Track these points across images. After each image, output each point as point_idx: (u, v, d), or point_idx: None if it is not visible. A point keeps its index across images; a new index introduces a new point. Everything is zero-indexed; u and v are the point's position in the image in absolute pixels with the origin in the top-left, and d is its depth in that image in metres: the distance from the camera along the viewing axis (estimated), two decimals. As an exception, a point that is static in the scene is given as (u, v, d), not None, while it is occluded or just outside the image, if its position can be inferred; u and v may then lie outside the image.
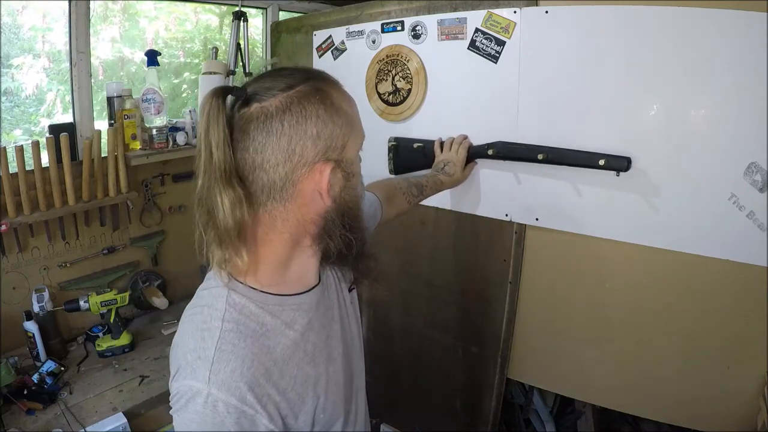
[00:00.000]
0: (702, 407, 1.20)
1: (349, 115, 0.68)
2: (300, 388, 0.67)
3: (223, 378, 0.60)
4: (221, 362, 0.61)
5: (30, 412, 1.24)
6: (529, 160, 1.26)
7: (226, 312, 0.65)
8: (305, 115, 0.63)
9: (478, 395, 1.55)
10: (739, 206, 1.06)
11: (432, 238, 1.56)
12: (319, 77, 0.68)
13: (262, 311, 0.66)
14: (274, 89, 0.64)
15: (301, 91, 0.64)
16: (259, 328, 0.65)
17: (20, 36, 1.51)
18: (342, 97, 0.68)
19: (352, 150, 0.68)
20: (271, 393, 0.63)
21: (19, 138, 1.58)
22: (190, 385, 0.61)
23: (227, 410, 0.59)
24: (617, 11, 1.13)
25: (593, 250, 1.27)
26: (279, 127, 0.62)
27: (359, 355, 0.86)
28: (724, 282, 1.12)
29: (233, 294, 0.66)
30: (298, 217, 0.66)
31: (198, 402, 0.60)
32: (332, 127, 0.65)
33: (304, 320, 0.70)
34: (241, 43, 1.85)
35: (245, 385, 0.60)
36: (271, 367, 0.64)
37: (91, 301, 1.47)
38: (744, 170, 1.04)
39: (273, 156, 0.63)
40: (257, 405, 0.61)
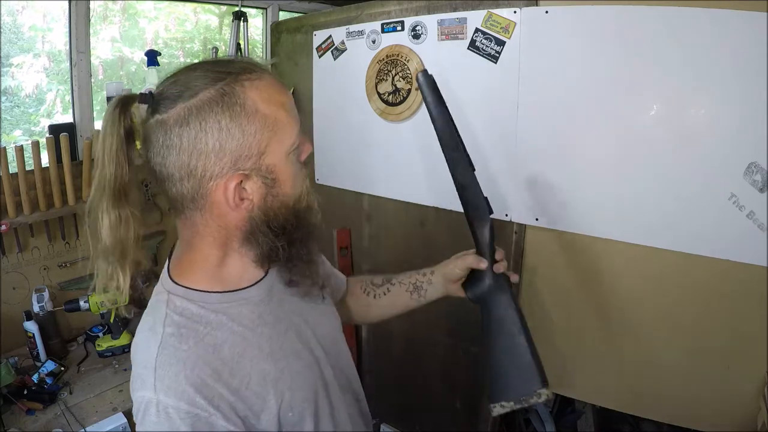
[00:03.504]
0: (702, 407, 1.20)
1: (268, 118, 0.61)
2: (257, 387, 0.64)
3: (167, 384, 0.59)
4: (164, 367, 0.59)
5: (30, 412, 1.24)
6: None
7: (167, 317, 0.63)
8: (205, 128, 0.59)
9: (478, 395, 1.55)
10: (739, 206, 1.06)
11: (432, 238, 1.56)
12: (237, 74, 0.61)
13: (205, 310, 0.65)
14: (175, 97, 0.60)
15: (203, 99, 0.59)
16: (203, 329, 0.63)
17: (20, 36, 1.51)
18: (262, 97, 0.61)
19: (276, 154, 0.63)
20: (222, 393, 0.61)
21: (19, 138, 1.58)
22: (141, 395, 0.60)
23: (179, 416, 0.58)
24: (617, 11, 1.13)
25: (593, 250, 1.27)
26: (178, 142, 0.59)
27: (342, 351, 0.83)
28: (724, 282, 1.12)
29: (173, 297, 0.65)
30: (219, 224, 0.64)
31: (151, 412, 0.59)
32: (240, 137, 0.60)
33: (253, 314, 0.68)
34: (241, 43, 1.85)
35: (191, 388, 0.59)
36: (219, 367, 0.62)
37: (91, 301, 1.46)
38: (744, 170, 1.04)
39: (176, 171, 0.61)
40: (209, 407, 0.59)
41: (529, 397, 0.82)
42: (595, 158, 1.23)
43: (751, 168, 1.03)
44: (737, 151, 1.04)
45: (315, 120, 1.74)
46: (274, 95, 0.63)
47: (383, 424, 1.75)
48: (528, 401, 0.82)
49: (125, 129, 0.61)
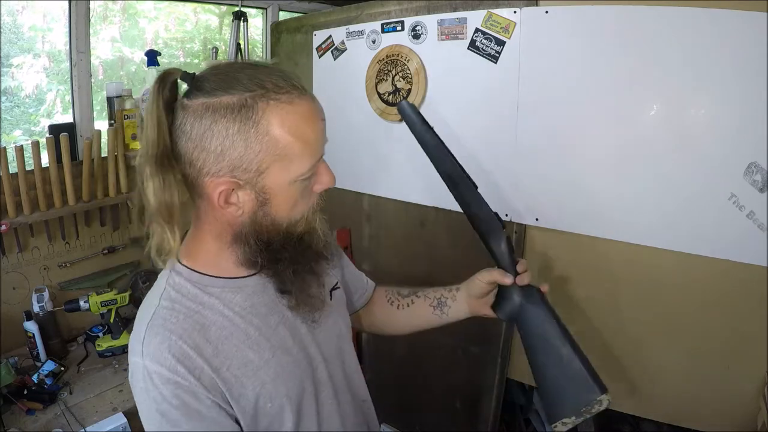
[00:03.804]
0: (702, 407, 1.20)
1: (279, 143, 0.61)
2: (238, 371, 0.66)
3: (152, 350, 0.63)
4: (151, 335, 0.64)
5: (30, 412, 1.24)
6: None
7: (165, 291, 0.68)
8: (213, 129, 0.60)
9: (478, 395, 1.55)
10: (739, 206, 1.06)
11: (432, 238, 1.56)
12: (270, 89, 0.61)
13: (200, 291, 0.68)
14: (204, 89, 0.61)
15: (223, 102, 0.60)
16: (195, 306, 0.67)
17: (20, 36, 1.51)
18: (281, 120, 0.61)
19: (276, 178, 0.63)
20: (204, 368, 0.64)
21: (19, 138, 1.58)
22: (133, 361, 0.66)
23: (161, 382, 0.62)
24: (617, 11, 1.13)
25: (593, 250, 1.27)
26: (189, 130, 0.61)
27: (346, 354, 0.83)
28: (724, 282, 1.12)
29: (174, 275, 0.69)
30: (215, 216, 0.67)
31: (139, 376, 0.64)
32: (243, 150, 0.60)
33: (246, 302, 0.70)
34: (241, 43, 1.85)
35: (173, 358, 0.63)
36: (202, 344, 0.65)
37: (91, 301, 1.47)
38: (744, 170, 1.04)
39: (183, 154, 0.63)
40: (190, 376, 0.63)
41: (590, 408, 0.77)
42: (595, 158, 1.23)
43: (751, 168, 1.04)
44: (737, 151, 1.05)
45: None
46: (296, 123, 0.62)
47: (383, 424, 1.75)
48: (590, 411, 0.77)
49: (165, 100, 0.62)
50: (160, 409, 0.63)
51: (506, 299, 0.86)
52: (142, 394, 0.65)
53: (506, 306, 0.86)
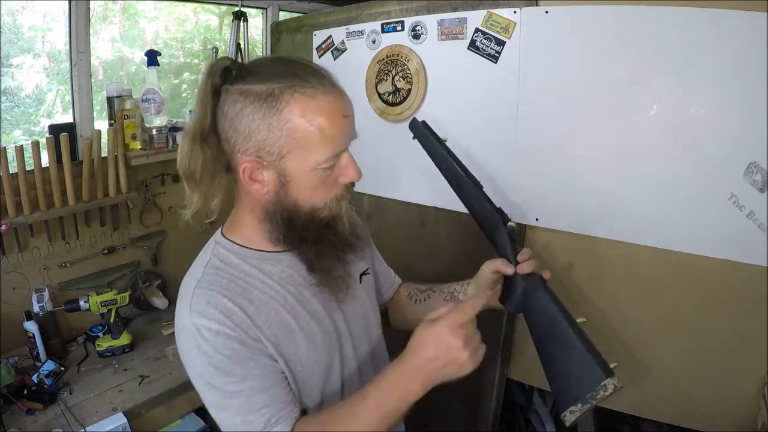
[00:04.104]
0: (702, 407, 1.20)
1: (298, 132, 0.67)
2: (277, 330, 0.72)
3: (200, 308, 0.69)
4: (198, 297, 0.70)
5: (30, 412, 1.24)
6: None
7: (210, 260, 0.75)
8: (243, 112, 0.67)
9: (478, 395, 1.55)
10: (739, 206, 1.06)
11: (432, 238, 1.56)
12: (298, 82, 0.67)
13: (242, 261, 0.75)
14: (244, 76, 0.69)
15: (254, 90, 0.67)
16: (237, 273, 0.73)
17: (20, 36, 1.51)
18: (303, 111, 0.67)
19: (295, 163, 0.69)
20: (249, 324, 0.70)
21: (19, 138, 1.58)
22: (181, 323, 0.71)
23: (211, 335, 0.68)
24: (617, 11, 1.13)
25: (593, 251, 1.27)
26: (227, 111, 0.69)
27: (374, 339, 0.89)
28: (724, 282, 1.12)
29: (218, 247, 0.76)
30: (247, 192, 0.74)
31: (188, 334, 0.69)
32: (266, 134, 0.67)
33: (284, 273, 0.76)
34: (241, 43, 1.85)
35: (220, 313, 0.68)
36: (245, 305, 0.71)
37: (91, 301, 1.46)
38: (744, 170, 1.04)
39: (222, 132, 0.71)
40: (237, 329, 0.69)
41: (596, 393, 0.74)
42: (595, 158, 1.23)
43: (751, 168, 1.04)
44: (737, 151, 1.05)
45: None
46: (317, 115, 0.67)
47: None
48: (595, 398, 0.74)
49: (212, 84, 0.69)
50: (213, 362, 0.68)
51: (512, 290, 0.87)
52: (193, 351, 0.69)
53: (512, 297, 0.87)
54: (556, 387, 0.80)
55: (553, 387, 0.81)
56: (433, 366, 0.68)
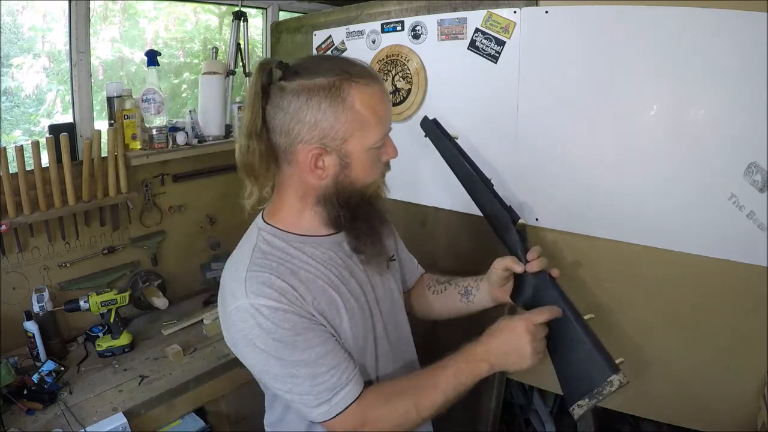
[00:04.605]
0: (702, 407, 1.20)
1: (361, 115, 0.75)
2: (325, 306, 0.79)
3: (256, 289, 0.74)
4: (252, 279, 0.75)
5: (30, 412, 1.24)
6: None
7: (256, 245, 0.80)
8: (309, 104, 0.74)
9: (478, 395, 1.55)
10: (739, 206, 1.06)
11: (432, 238, 1.56)
12: (353, 74, 0.75)
13: (286, 245, 0.81)
14: (300, 73, 0.75)
15: (317, 83, 0.74)
16: (284, 256, 0.79)
17: (20, 36, 1.51)
18: (362, 98, 0.75)
19: (357, 145, 0.77)
20: (302, 300, 0.76)
21: (19, 138, 1.58)
22: (236, 306, 0.75)
23: (271, 312, 0.73)
24: (617, 11, 1.13)
25: (593, 251, 1.27)
26: (287, 105, 0.75)
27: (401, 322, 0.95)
28: (724, 282, 1.12)
29: (263, 232, 0.82)
30: (301, 179, 0.79)
31: (246, 316, 0.74)
32: (333, 121, 0.74)
33: (325, 255, 0.82)
34: (241, 43, 1.85)
35: (275, 292, 0.74)
36: (296, 284, 0.76)
37: (91, 301, 1.46)
38: (744, 170, 1.04)
39: (278, 126, 0.76)
40: (293, 305, 0.75)
41: (602, 389, 0.76)
42: (595, 158, 1.23)
43: (751, 168, 1.04)
44: (737, 151, 1.05)
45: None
46: (373, 102, 0.77)
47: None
48: (602, 393, 0.76)
49: (263, 85, 0.75)
50: (276, 336, 0.74)
51: (522, 287, 0.89)
52: (254, 330, 0.74)
53: (522, 293, 0.89)
54: (564, 381, 0.82)
55: (562, 381, 0.82)
56: (502, 351, 0.79)
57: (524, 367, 0.78)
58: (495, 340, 0.80)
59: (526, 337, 0.78)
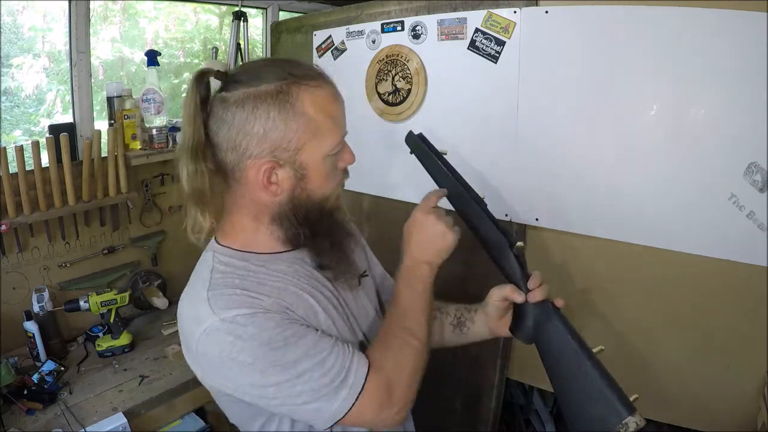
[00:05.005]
0: (702, 407, 1.20)
1: (314, 121, 0.69)
2: (302, 312, 0.72)
3: (223, 303, 0.67)
4: (216, 296, 0.68)
5: (30, 412, 1.24)
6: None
7: (214, 267, 0.72)
8: (256, 114, 0.67)
9: (478, 395, 1.55)
10: (739, 206, 1.06)
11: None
12: (300, 77, 0.69)
13: (247, 263, 0.73)
14: (242, 81, 0.68)
15: (262, 90, 0.67)
16: (246, 273, 0.72)
17: (20, 36, 1.51)
18: (313, 101, 0.69)
19: (312, 154, 0.70)
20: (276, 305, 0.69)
21: (19, 138, 1.58)
22: (203, 330, 0.66)
23: (247, 319, 0.65)
24: (617, 11, 1.13)
25: (593, 251, 1.27)
26: (231, 118, 0.68)
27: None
28: (724, 282, 1.12)
29: (218, 255, 0.74)
30: (252, 198, 0.72)
31: (221, 334, 0.65)
32: (284, 130, 0.67)
33: (290, 269, 0.75)
34: (241, 43, 1.85)
35: (247, 301, 0.67)
36: (266, 293, 0.70)
37: (91, 301, 1.46)
38: (744, 170, 1.04)
39: (224, 142, 0.69)
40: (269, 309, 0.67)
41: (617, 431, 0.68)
42: (595, 158, 1.22)
43: (751, 168, 1.03)
44: (737, 151, 1.04)
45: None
46: (326, 105, 0.71)
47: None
48: None
49: (201, 97, 0.68)
50: (263, 340, 0.65)
51: (522, 319, 0.81)
52: (235, 345, 0.65)
53: (523, 326, 0.81)
54: (572, 421, 0.75)
55: (569, 421, 0.75)
56: (424, 245, 0.79)
57: (453, 242, 0.79)
58: (411, 243, 0.80)
59: (430, 218, 0.79)
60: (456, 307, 0.96)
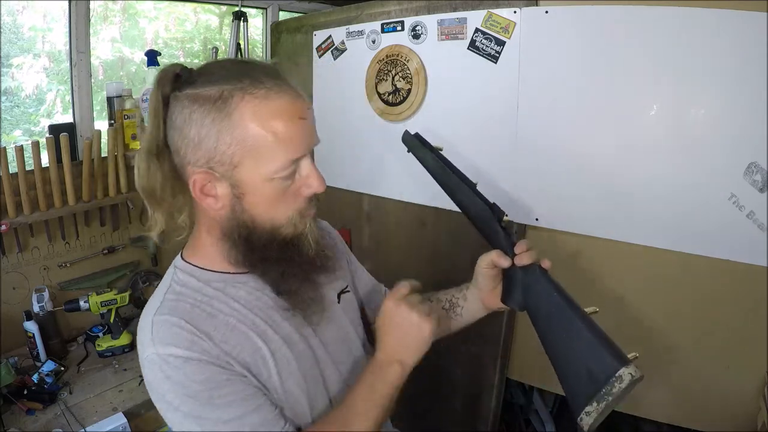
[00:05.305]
0: (702, 407, 1.20)
1: (249, 137, 0.61)
2: (248, 357, 0.66)
3: (162, 336, 0.63)
4: (159, 324, 0.64)
5: (30, 412, 1.24)
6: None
7: (170, 287, 0.69)
8: (192, 118, 0.62)
9: (478, 395, 1.55)
10: (739, 206, 1.06)
11: (432, 238, 1.56)
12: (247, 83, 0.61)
13: (205, 285, 0.69)
14: (191, 81, 0.63)
15: (203, 93, 0.61)
16: (201, 297, 0.67)
17: (20, 36, 1.51)
18: (255, 113, 0.61)
19: (249, 172, 0.62)
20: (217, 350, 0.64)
21: (19, 138, 1.58)
22: (145, 356, 0.64)
23: (180, 363, 0.62)
24: (617, 11, 1.13)
25: (593, 251, 1.27)
26: (175, 119, 0.63)
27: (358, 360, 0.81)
28: (724, 282, 1.12)
29: (178, 272, 0.71)
30: (201, 208, 0.68)
31: (154, 368, 0.62)
32: (215, 142, 0.61)
33: (250, 296, 0.70)
34: (241, 43, 1.85)
35: (185, 340, 0.63)
36: (211, 331, 0.65)
37: (91, 301, 1.47)
38: (744, 170, 1.04)
39: (171, 143, 0.65)
40: (206, 353, 0.63)
41: (611, 387, 0.63)
42: (595, 158, 1.22)
43: (751, 168, 1.03)
44: (737, 151, 1.04)
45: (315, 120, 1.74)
46: (270, 119, 0.61)
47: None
48: (611, 393, 0.62)
49: (163, 93, 0.64)
50: (189, 392, 0.62)
51: (512, 285, 0.79)
52: (164, 383, 0.62)
53: (513, 293, 0.79)
54: (568, 388, 0.70)
55: (566, 388, 0.70)
56: (396, 341, 0.70)
57: (428, 336, 0.69)
58: (387, 336, 0.70)
59: (403, 310, 0.68)
60: (445, 292, 0.91)
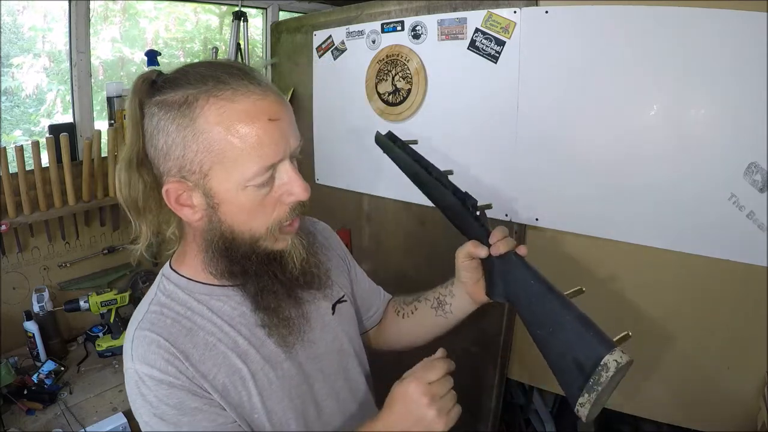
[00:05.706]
0: (702, 407, 1.20)
1: (216, 143, 0.57)
2: (225, 378, 0.65)
3: (141, 353, 0.62)
4: (139, 340, 0.63)
5: (30, 412, 1.24)
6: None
7: (155, 297, 0.68)
8: (159, 126, 0.59)
9: (478, 395, 1.55)
10: (739, 206, 1.06)
11: (432, 238, 1.56)
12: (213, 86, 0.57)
13: (189, 298, 0.67)
14: (160, 87, 0.60)
15: (169, 99, 0.58)
16: (183, 311, 0.66)
17: (20, 36, 1.51)
18: (220, 120, 0.57)
19: (220, 180, 0.59)
20: (192, 372, 0.63)
21: (19, 138, 1.58)
22: (126, 367, 0.64)
23: (154, 384, 0.61)
24: (617, 11, 1.13)
25: (593, 251, 1.27)
26: (146, 127, 0.61)
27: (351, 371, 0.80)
28: (724, 282, 1.12)
29: (164, 281, 0.70)
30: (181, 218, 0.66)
31: (132, 381, 0.63)
32: (182, 150, 0.58)
33: (234, 312, 0.68)
34: (241, 43, 1.85)
35: (162, 359, 0.62)
36: (189, 350, 0.64)
37: (91, 301, 1.47)
38: (744, 170, 1.04)
39: (148, 152, 0.62)
40: (182, 376, 0.62)
41: (598, 377, 0.59)
42: (595, 158, 1.22)
43: (751, 168, 1.03)
44: (737, 151, 1.04)
45: (315, 120, 1.74)
46: (237, 123, 0.57)
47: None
48: (599, 382, 0.59)
49: (139, 101, 0.61)
50: (158, 413, 0.61)
51: (493, 277, 0.76)
52: (138, 399, 0.62)
53: (496, 286, 0.76)
54: (560, 379, 0.67)
55: (559, 380, 0.67)
56: (401, 425, 0.64)
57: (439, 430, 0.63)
58: (393, 415, 0.64)
59: (422, 400, 0.63)
60: (432, 291, 0.89)
